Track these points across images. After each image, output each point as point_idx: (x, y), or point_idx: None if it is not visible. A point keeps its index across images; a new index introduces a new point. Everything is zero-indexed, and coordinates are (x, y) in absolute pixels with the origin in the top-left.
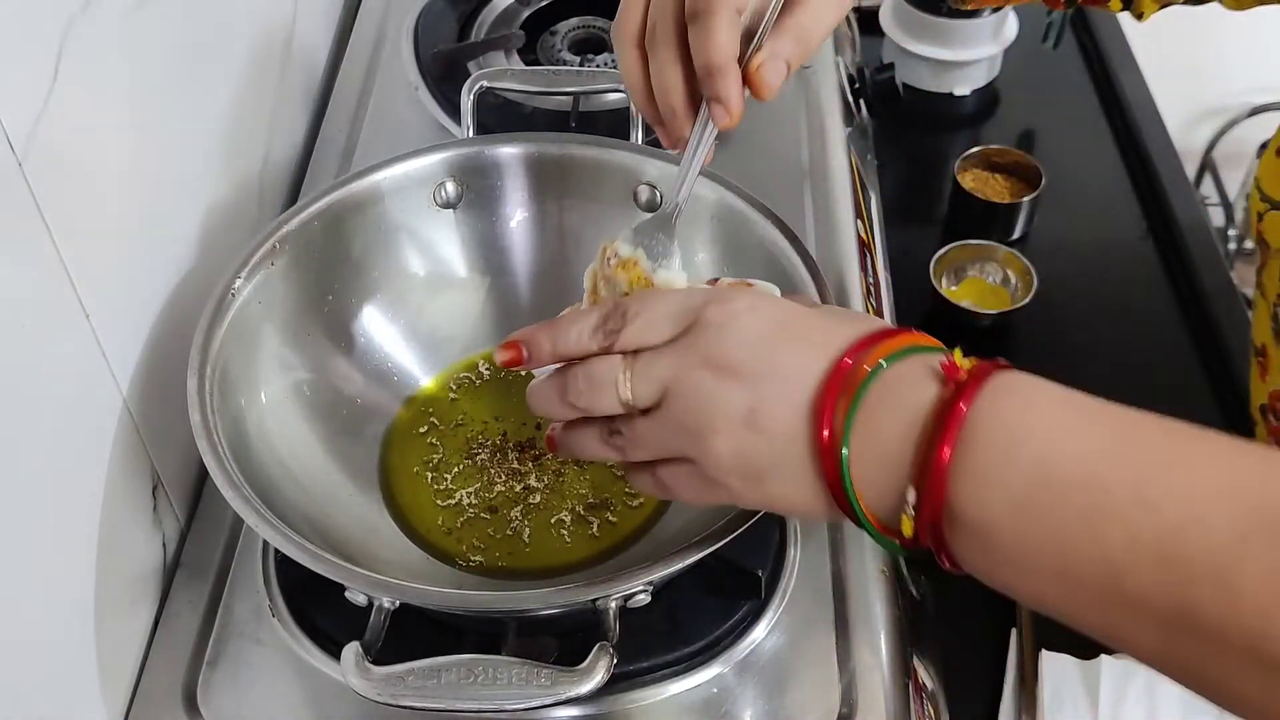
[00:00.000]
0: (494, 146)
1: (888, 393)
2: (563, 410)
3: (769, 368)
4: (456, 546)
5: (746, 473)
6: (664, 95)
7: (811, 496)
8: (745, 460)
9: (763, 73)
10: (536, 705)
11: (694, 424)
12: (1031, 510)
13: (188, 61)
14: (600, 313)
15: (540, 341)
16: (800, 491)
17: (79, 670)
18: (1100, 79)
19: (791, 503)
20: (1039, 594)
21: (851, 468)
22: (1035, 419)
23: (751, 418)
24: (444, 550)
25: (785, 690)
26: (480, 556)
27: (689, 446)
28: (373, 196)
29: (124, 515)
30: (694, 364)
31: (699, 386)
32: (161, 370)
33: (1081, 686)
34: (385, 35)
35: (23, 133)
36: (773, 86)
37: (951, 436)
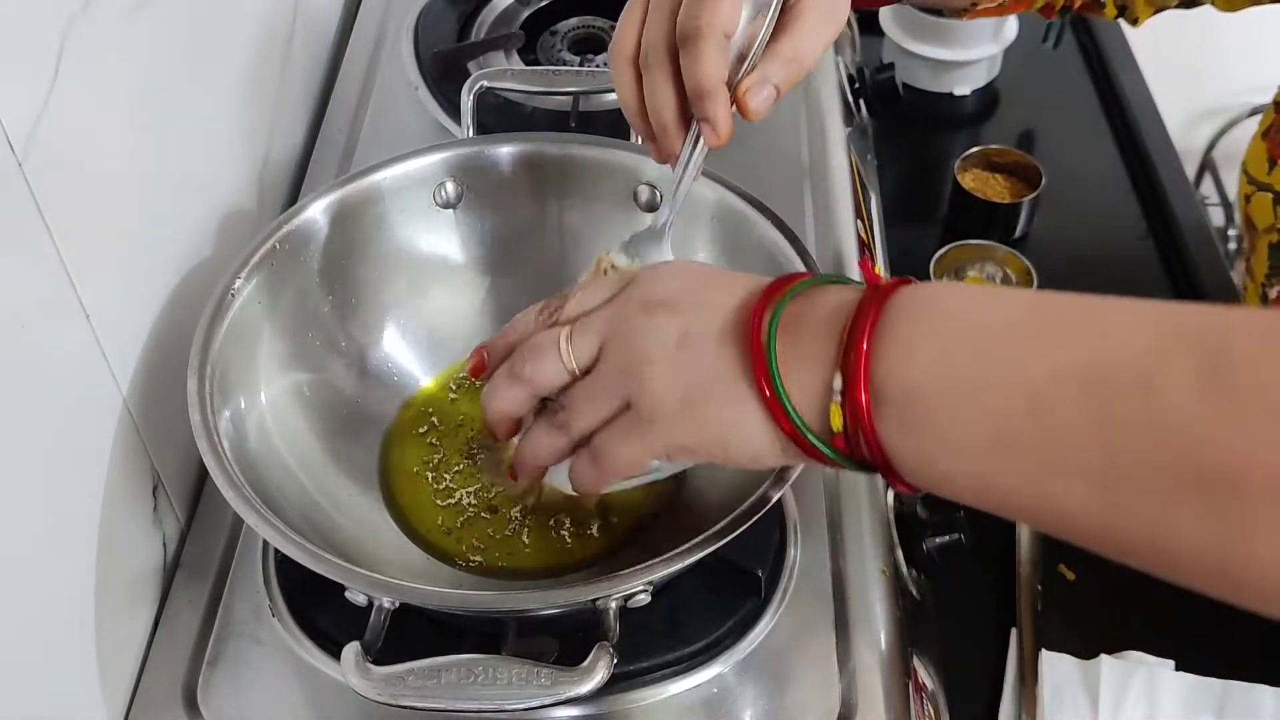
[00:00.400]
0: (494, 146)
1: (812, 297)
2: (511, 390)
3: (699, 298)
4: (456, 546)
5: (682, 400)
6: (656, 114)
7: (748, 415)
8: (680, 385)
9: (749, 97)
10: (536, 705)
11: (629, 361)
12: (953, 366)
13: (188, 61)
14: (544, 301)
15: (494, 341)
16: (735, 411)
17: (79, 670)
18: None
19: (726, 426)
20: (967, 467)
21: (780, 369)
22: (952, 301)
23: (684, 340)
24: (444, 550)
25: (785, 690)
26: (480, 556)
27: (626, 386)
28: (373, 196)
29: (124, 515)
30: (628, 311)
31: (632, 324)
32: (161, 370)
33: (1081, 686)
34: (385, 35)
35: (23, 133)
36: (759, 111)
37: (873, 315)
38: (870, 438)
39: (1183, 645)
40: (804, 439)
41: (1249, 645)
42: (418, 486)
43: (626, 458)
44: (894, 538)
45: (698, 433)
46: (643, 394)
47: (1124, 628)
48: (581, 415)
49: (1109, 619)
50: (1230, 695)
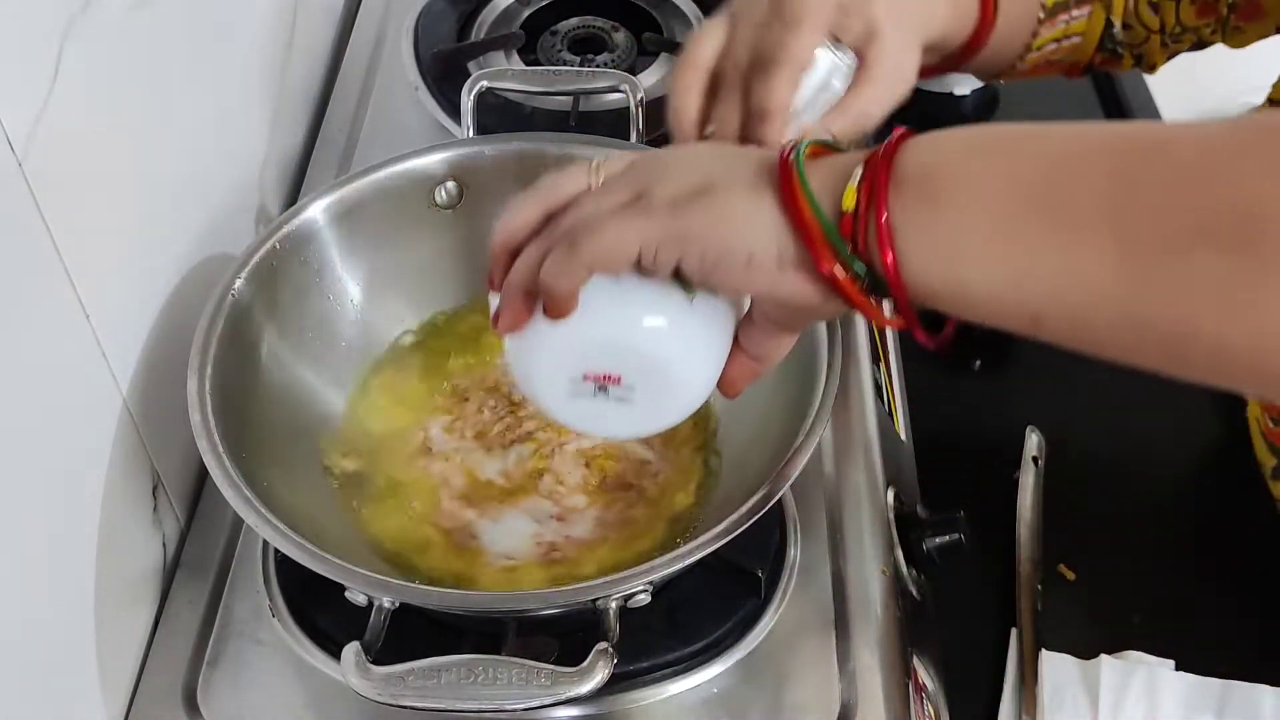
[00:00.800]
0: (494, 146)
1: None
2: (526, 205)
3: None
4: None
5: (697, 187)
6: (721, 129)
7: (760, 207)
8: (699, 176)
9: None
10: (536, 705)
11: (656, 163)
12: (973, 146)
13: (188, 61)
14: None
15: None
16: (748, 201)
17: (79, 670)
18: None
19: (735, 214)
20: (983, 243)
21: (805, 169)
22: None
23: (714, 153)
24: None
25: (785, 690)
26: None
27: (644, 178)
28: (373, 196)
29: (124, 515)
30: (656, 153)
31: (663, 153)
32: (161, 370)
33: (1081, 686)
34: (385, 35)
35: (23, 133)
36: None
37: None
38: (882, 214)
39: (1183, 645)
40: (811, 222)
41: (1249, 645)
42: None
43: (614, 239)
44: (894, 538)
45: (702, 217)
46: (659, 181)
47: (1124, 628)
48: (582, 209)
49: (1109, 619)
50: (1230, 695)
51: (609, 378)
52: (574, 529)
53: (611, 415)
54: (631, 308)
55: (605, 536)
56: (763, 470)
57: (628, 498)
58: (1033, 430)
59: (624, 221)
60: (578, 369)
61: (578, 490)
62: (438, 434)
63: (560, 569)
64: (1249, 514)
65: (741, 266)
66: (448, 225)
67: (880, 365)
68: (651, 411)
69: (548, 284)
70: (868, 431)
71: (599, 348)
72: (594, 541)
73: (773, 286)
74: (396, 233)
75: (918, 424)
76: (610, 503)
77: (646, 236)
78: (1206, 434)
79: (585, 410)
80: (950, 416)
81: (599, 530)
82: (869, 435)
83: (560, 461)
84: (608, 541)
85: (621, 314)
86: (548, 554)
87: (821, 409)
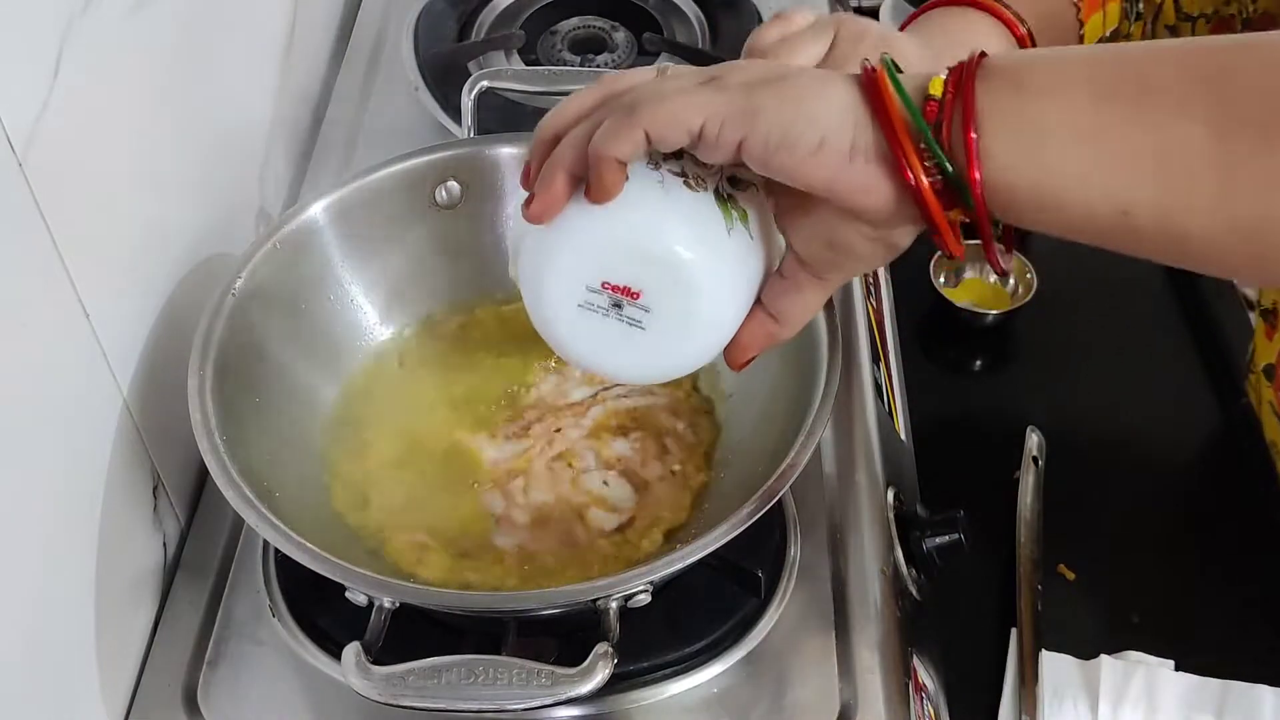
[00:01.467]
0: (494, 146)
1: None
2: (585, 93)
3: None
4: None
5: (770, 74)
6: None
7: (835, 87)
8: (775, 69)
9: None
10: (537, 705)
11: (729, 62)
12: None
13: (188, 61)
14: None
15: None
16: (822, 83)
17: (79, 670)
18: None
19: (807, 94)
20: (1070, 134)
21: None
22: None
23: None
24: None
25: (785, 690)
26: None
27: (715, 70)
28: (373, 196)
29: (124, 515)
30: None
31: (736, 62)
32: (161, 370)
33: (1081, 686)
34: (385, 35)
35: (23, 133)
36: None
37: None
38: (969, 100)
39: (1183, 645)
40: (895, 104)
41: (1249, 645)
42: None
43: (679, 107)
44: (894, 538)
45: (775, 94)
46: (740, 67)
47: (1124, 628)
48: (649, 87)
49: (1109, 619)
50: (1230, 695)
51: (628, 290)
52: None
53: (617, 344)
54: (671, 215)
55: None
56: (763, 470)
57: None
58: (1033, 430)
59: (691, 95)
60: (598, 273)
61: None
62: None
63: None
64: (1249, 514)
65: (810, 150)
66: (448, 225)
67: (880, 365)
68: (660, 346)
69: (598, 150)
70: (868, 431)
71: (626, 249)
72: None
73: (838, 178)
74: (396, 233)
75: (918, 424)
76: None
77: (713, 109)
78: (1207, 434)
79: (592, 332)
80: (950, 416)
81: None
82: (869, 435)
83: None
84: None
85: (659, 218)
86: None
87: (821, 409)
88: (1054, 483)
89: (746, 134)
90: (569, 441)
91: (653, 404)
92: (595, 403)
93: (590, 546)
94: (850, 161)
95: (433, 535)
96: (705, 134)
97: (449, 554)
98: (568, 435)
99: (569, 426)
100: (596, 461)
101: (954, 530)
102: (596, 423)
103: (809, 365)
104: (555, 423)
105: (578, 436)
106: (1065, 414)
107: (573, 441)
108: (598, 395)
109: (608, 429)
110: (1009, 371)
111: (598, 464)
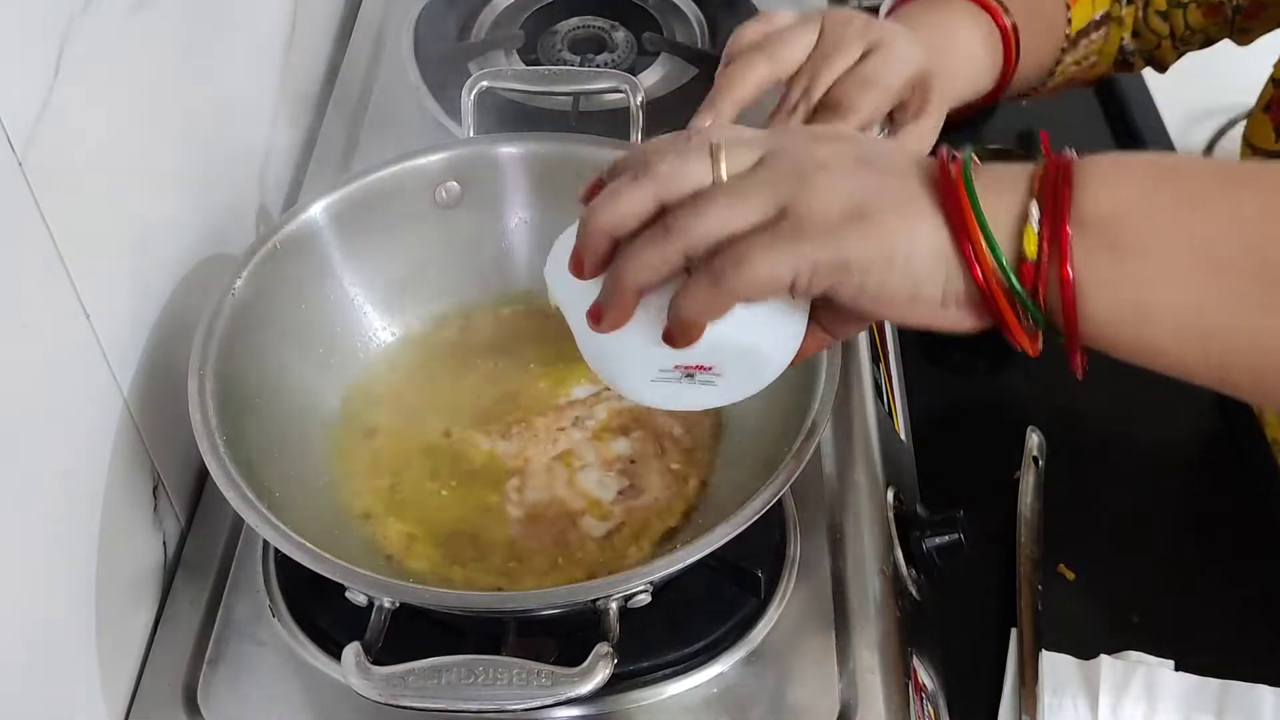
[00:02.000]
0: (494, 146)
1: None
2: (635, 188)
3: (871, 143)
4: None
5: (852, 209)
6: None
7: (925, 232)
8: (853, 193)
9: None
10: (537, 705)
11: (798, 165)
12: (1161, 189)
13: (188, 61)
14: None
15: (620, 159)
16: (911, 226)
17: (79, 670)
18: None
19: (898, 240)
20: (1172, 297)
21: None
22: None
23: (861, 159)
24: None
25: (785, 690)
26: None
27: (786, 188)
28: (373, 196)
29: (124, 515)
30: (793, 135)
31: (802, 143)
32: (161, 370)
33: (1081, 686)
34: (385, 35)
35: (23, 133)
36: None
37: (1066, 158)
38: (1066, 268)
39: (1183, 645)
40: (988, 262)
41: (1249, 645)
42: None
43: (767, 270)
44: (894, 538)
45: (862, 244)
46: (808, 197)
47: (1124, 628)
48: (716, 217)
49: (1109, 619)
50: (1230, 695)
51: (701, 367)
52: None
53: (691, 395)
54: (739, 310)
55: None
56: (763, 470)
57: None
58: (1033, 430)
59: (775, 252)
60: (670, 362)
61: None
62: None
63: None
64: (1249, 514)
65: (903, 302)
66: (448, 225)
67: (880, 365)
68: (731, 390)
69: (687, 316)
70: (868, 431)
71: (701, 346)
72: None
73: (932, 321)
74: (396, 233)
75: (918, 424)
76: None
77: (800, 265)
78: (1207, 434)
79: (666, 392)
80: (950, 416)
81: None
82: (869, 435)
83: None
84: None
85: (730, 317)
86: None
87: (821, 409)
88: (1054, 483)
89: (836, 284)
90: (571, 442)
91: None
92: (598, 400)
93: (580, 547)
94: (944, 307)
95: (424, 527)
96: (796, 288)
97: (438, 547)
98: (570, 436)
99: (571, 427)
100: (596, 459)
101: (954, 530)
102: (600, 424)
103: (809, 365)
104: (558, 422)
105: (580, 438)
106: (1065, 414)
107: (575, 442)
108: (600, 393)
109: (609, 429)
110: (1009, 371)
111: (597, 462)
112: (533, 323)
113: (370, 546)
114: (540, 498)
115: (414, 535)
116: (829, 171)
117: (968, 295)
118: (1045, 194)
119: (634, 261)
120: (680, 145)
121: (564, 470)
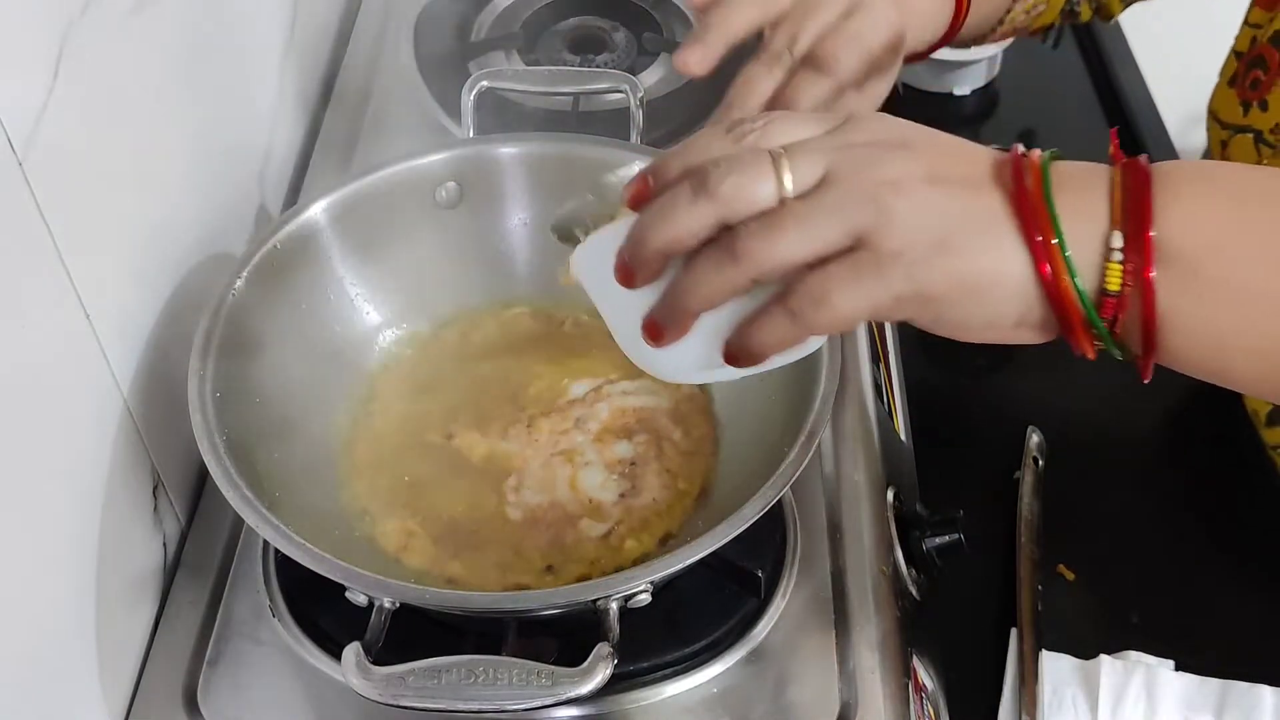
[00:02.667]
0: (494, 146)
1: (1067, 164)
2: (694, 207)
3: (937, 142)
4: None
5: (930, 240)
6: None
7: (1009, 264)
8: (934, 220)
9: None
10: (537, 705)
11: (871, 186)
12: (1244, 220)
13: (188, 62)
14: (728, 120)
15: (666, 162)
16: (995, 258)
17: (79, 670)
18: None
19: (982, 273)
20: (1253, 342)
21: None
22: (1217, 169)
23: (933, 177)
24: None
25: (785, 690)
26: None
27: (863, 214)
28: (373, 196)
29: (124, 515)
30: (857, 143)
31: (868, 154)
32: (161, 370)
33: (1081, 686)
34: (385, 35)
35: (23, 133)
36: None
37: (1144, 175)
38: (1149, 300)
39: (1183, 645)
40: (1070, 297)
41: (1249, 645)
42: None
43: (849, 308)
44: (894, 537)
45: (946, 277)
46: (889, 224)
47: (1124, 628)
48: (787, 246)
49: (1109, 619)
50: (1230, 695)
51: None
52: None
53: (727, 371)
54: None
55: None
56: (762, 471)
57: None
58: (1033, 430)
59: (857, 289)
60: (718, 358)
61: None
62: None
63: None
64: (1249, 514)
65: (979, 328)
66: (448, 225)
67: (880, 365)
68: (771, 362)
69: (760, 350)
70: (868, 431)
71: None
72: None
73: (1000, 339)
74: (396, 233)
75: (918, 424)
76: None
77: (881, 300)
78: (1207, 434)
79: (704, 375)
80: (950, 416)
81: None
82: (869, 435)
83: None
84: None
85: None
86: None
87: (821, 409)
88: (1054, 483)
89: (915, 316)
90: (573, 443)
91: (655, 404)
92: (598, 398)
93: (579, 547)
94: (1015, 328)
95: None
96: (874, 318)
97: (436, 544)
98: (572, 438)
99: (573, 429)
100: (598, 461)
101: (954, 530)
102: (602, 425)
103: (809, 365)
104: (560, 423)
105: (582, 440)
106: (1065, 414)
107: (576, 444)
108: (601, 389)
109: (611, 431)
110: (1009, 371)
111: (599, 464)
112: (533, 323)
113: (370, 546)
114: (540, 498)
115: (414, 535)
116: (903, 195)
117: (1043, 321)
118: (1128, 223)
119: (699, 285)
120: (738, 154)
121: (564, 471)
